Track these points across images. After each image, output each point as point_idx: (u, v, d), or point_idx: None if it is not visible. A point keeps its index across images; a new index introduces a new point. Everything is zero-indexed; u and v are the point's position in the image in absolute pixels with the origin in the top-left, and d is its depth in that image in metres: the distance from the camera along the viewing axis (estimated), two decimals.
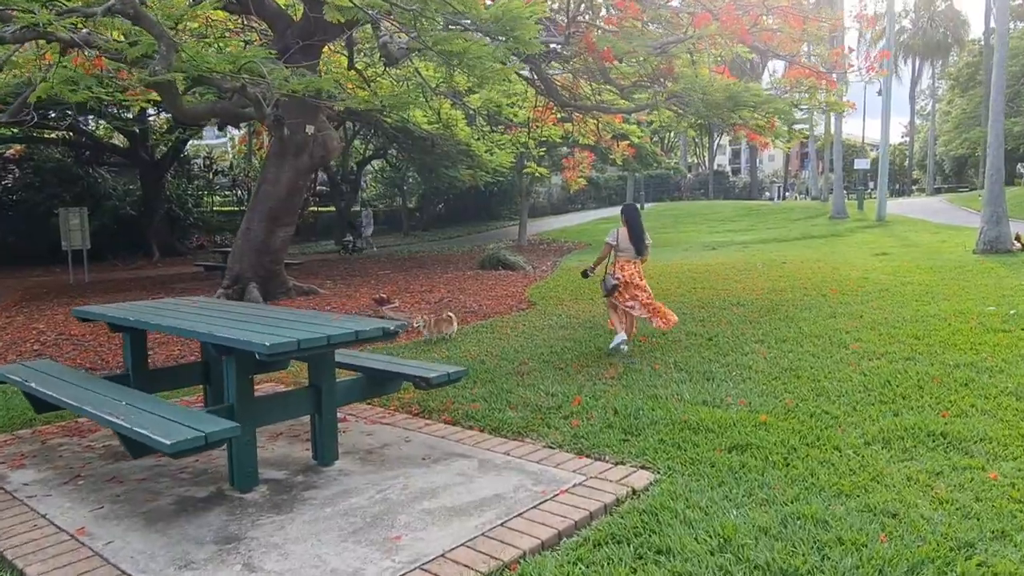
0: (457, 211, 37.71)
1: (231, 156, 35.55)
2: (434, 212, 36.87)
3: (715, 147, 60.31)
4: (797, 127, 13.95)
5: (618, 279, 7.49)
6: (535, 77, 12.94)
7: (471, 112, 15.88)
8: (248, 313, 4.33)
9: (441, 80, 15.10)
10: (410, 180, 34.08)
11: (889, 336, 7.33)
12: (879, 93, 31.57)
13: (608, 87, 12.79)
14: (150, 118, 24.51)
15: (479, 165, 18.06)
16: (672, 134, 60.88)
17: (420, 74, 14.71)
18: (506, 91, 15.08)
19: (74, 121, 22.45)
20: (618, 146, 15.22)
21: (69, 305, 12.22)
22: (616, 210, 39.40)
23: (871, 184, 41.96)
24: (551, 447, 4.35)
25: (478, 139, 17.23)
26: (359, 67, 15.14)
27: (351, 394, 4.13)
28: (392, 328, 3.61)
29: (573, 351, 7.41)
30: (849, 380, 5.70)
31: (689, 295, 11.14)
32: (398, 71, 15.94)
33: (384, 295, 11.15)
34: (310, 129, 10.98)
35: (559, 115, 15.49)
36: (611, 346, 7.33)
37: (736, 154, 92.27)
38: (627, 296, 7.53)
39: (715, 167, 61.71)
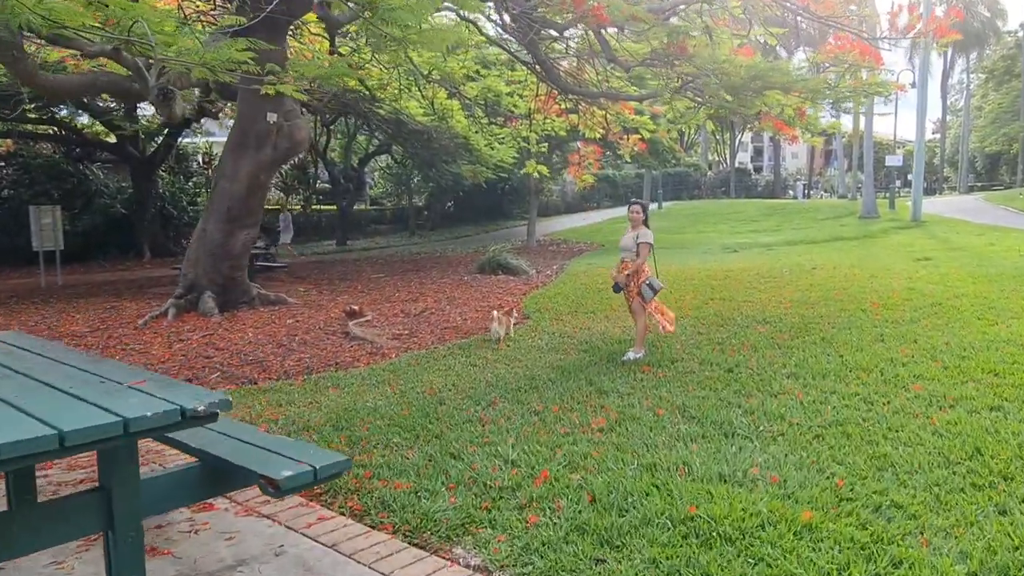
0: (467, 209, 36.31)
1: None
2: (443, 211, 35.50)
3: (737, 144, 58.43)
4: (827, 118, 12.34)
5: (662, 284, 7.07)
6: (535, 62, 11.48)
7: (467, 102, 14.43)
8: (23, 367, 2.88)
9: (431, 67, 13.71)
10: (416, 177, 32.76)
11: (959, 372, 5.79)
12: (913, 85, 29.71)
13: (615, 71, 11.30)
14: (139, 112, 23.35)
15: (479, 160, 16.62)
16: (692, 130, 59.16)
17: (412, 61, 13.32)
18: (505, 78, 13.62)
19: (55, 115, 21.39)
20: (628, 140, 13.71)
21: (10, 315, 10.98)
22: None
23: (898, 182, 39.96)
24: (487, 572, 2.91)
25: (477, 132, 15.78)
26: (343, 51, 13.77)
27: (171, 497, 2.70)
28: (201, 410, 2.19)
29: (558, 385, 5.97)
30: (920, 443, 4.20)
31: (705, 308, 9.64)
32: (388, 57, 14.56)
33: (356, 307, 9.77)
34: (272, 118, 9.62)
35: (564, 105, 14.01)
36: (636, 357, 6.76)
37: (758, 151, 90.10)
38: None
39: (737, 165, 59.82)
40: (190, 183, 28.91)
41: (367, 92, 14.66)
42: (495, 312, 8.10)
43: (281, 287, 14.76)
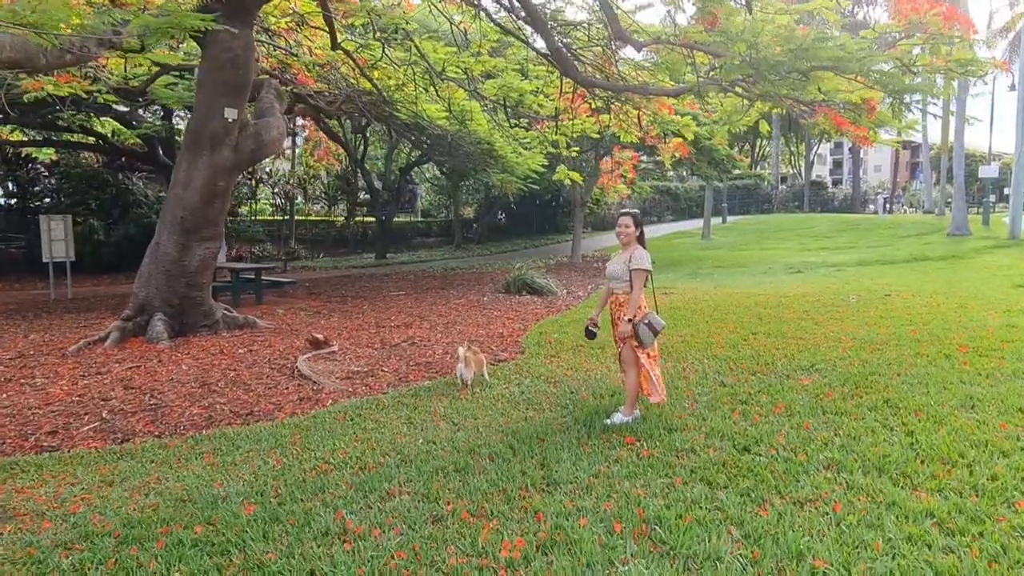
0: (518, 222, 34.80)
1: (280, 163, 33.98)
2: (492, 223, 34.06)
3: (813, 155, 55.08)
4: (910, 115, 10.23)
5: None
6: (548, 51, 9.85)
7: (487, 103, 12.89)
8: None
9: (447, 63, 12.23)
10: (464, 188, 31.42)
11: None
12: (1012, 87, 26.58)
13: (642, 65, 9.56)
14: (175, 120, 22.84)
15: (506, 169, 15.02)
16: (764, 141, 56.12)
17: (425, 57, 11.89)
18: (524, 68, 11.99)
19: (85, 124, 20.96)
20: (668, 144, 11.88)
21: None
22: (696, 223, 35.70)
23: (993, 196, 36.27)
24: None
25: (502, 137, 14.20)
26: (349, 47, 12.47)
27: None
28: None
29: (496, 468, 4.29)
30: None
31: (742, 347, 7.74)
32: (400, 53, 13.19)
33: (321, 337, 8.30)
34: (231, 114, 8.29)
35: (593, 104, 12.30)
36: (624, 421, 5.08)
37: (837, 164, 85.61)
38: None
39: (814, 177, 56.35)
40: (234, 194, 28.40)
41: (378, 93, 13.31)
42: (461, 350, 6.47)
43: (285, 304, 13.55)
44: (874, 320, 9.15)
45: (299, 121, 28.51)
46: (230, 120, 8.34)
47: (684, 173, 37.56)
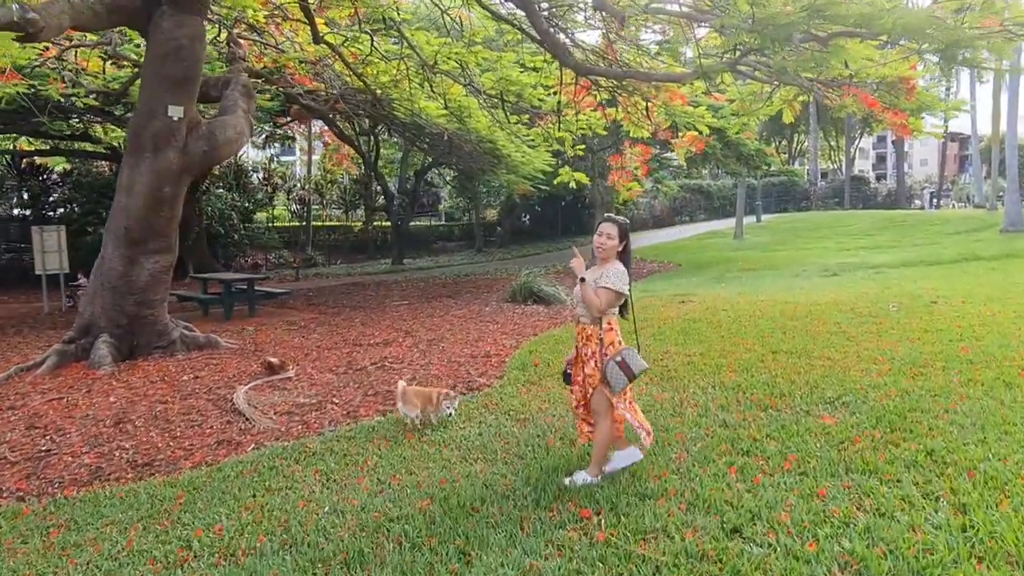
0: (542, 224, 33.76)
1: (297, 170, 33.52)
2: (516, 225, 33.02)
3: (853, 149, 52.89)
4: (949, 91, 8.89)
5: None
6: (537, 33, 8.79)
7: (485, 98, 11.85)
8: None
9: (439, 55, 11.24)
10: (487, 190, 30.41)
11: None
12: None
13: (645, 48, 8.46)
14: None
15: (510, 169, 13.97)
16: (801, 135, 54.09)
17: (414, 48, 10.92)
18: (521, 61, 10.94)
19: (87, 130, 20.49)
20: (680, 138, 10.70)
21: None
22: (729, 222, 34.12)
23: None
24: None
25: (504, 133, 13.15)
26: (335, 41, 11.55)
27: None
28: None
29: (412, 559, 3.25)
30: None
31: (756, 370, 6.56)
32: (391, 47, 12.24)
33: (275, 361, 7.35)
34: (175, 112, 7.40)
35: (599, 97, 11.19)
36: (586, 482, 3.97)
37: (881, 159, 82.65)
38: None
39: (855, 172, 54.09)
40: (253, 200, 27.87)
41: (370, 91, 12.40)
42: (401, 383, 5.46)
43: (276, 317, 12.74)
44: (917, 334, 7.87)
45: (311, 125, 27.91)
46: (175, 119, 7.45)
47: (715, 170, 36.05)
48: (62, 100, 11.55)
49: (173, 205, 7.94)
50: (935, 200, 43.98)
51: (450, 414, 5.34)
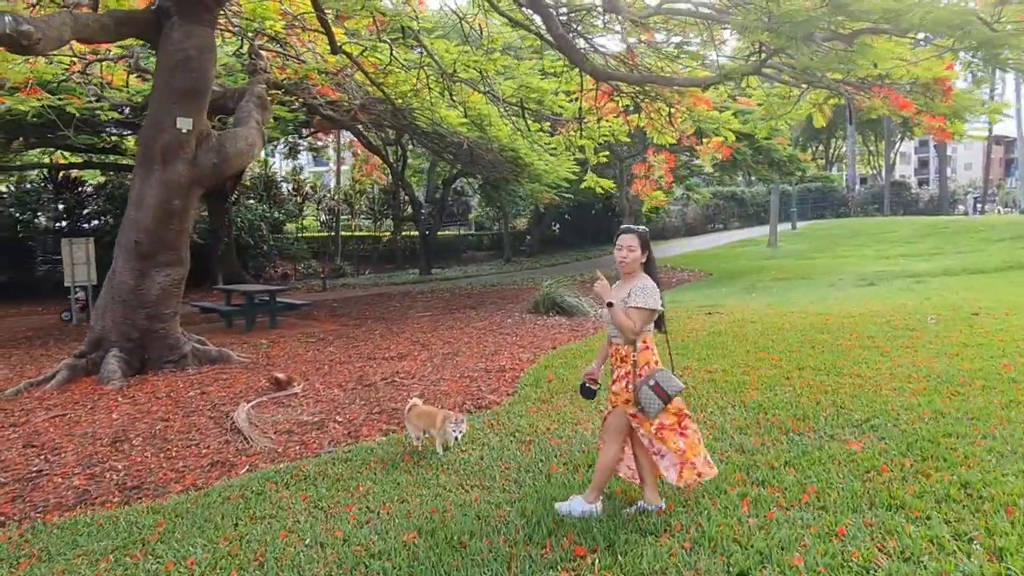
0: (573, 233, 33.41)
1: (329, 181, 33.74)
2: (545, 235, 32.75)
3: (893, 154, 51.59)
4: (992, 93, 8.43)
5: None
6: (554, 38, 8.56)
7: (505, 106, 11.64)
8: None
9: (458, 63, 11.08)
10: (518, 199, 30.21)
11: None
12: None
13: (664, 52, 8.19)
14: None
15: (533, 177, 13.73)
16: (839, 140, 52.95)
17: (434, 57, 10.77)
18: (540, 68, 10.71)
19: (120, 141, 20.80)
20: (705, 144, 10.36)
21: None
22: (764, 229, 33.41)
23: None
24: None
25: (527, 142, 12.92)
26: (354, 51, 11.47)
27: None
28: None
29: None
30: None
31: (779, 389, 6.20)
32: (411, 56, 12.11)
33: (282, 377, 7.20)
34: (184, 124, 7.32)
35: (621, 103, 10.90)
36: (583, 512, 3.72)
37: (923, 163, 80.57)
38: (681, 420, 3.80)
39: (896, 177, 52.73)
40: (282, 210, 28.08)
41: (389, 101, 12.28)
42: (412, 400, 5.23)
43: (296, 328, 12.66)
44: (956, 348, 7.42)
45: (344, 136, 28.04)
46: (184, 131, 7.37)
47: (748, 177, 35.36)
48: (82, 114, 11.64)
49: (183, 218, 7.87)
50: (979, 205, 42.60)
51: (456, 438, 5.10)
